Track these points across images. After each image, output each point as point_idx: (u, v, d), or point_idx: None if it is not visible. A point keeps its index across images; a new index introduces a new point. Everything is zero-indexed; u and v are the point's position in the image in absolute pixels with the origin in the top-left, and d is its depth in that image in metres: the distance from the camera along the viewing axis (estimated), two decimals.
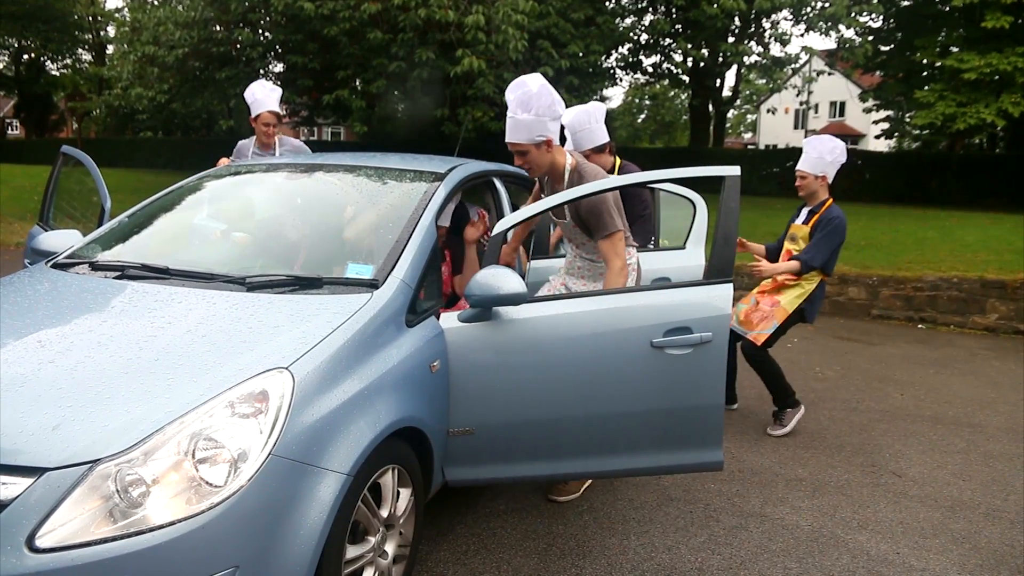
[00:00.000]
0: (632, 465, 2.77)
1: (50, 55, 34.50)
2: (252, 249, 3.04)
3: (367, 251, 2.74)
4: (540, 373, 2.62)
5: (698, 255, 3.72)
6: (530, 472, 2.76)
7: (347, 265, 2.61)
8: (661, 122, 44.25)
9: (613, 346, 2.61)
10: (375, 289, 2.43)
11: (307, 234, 3.07)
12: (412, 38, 11.70)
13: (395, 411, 2.24)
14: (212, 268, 2.62)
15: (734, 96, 25.40)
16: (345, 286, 2.47)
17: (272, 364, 1.99)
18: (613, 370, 2.62)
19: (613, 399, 2.64)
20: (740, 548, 2.97)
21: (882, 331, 7.04)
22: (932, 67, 18.86)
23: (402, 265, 2.53)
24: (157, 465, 1.75)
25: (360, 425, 2.10)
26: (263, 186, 3.49)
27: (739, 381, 4.67)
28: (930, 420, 4.58)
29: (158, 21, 13.68)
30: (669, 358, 2.60)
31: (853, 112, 36.79)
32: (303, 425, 1.94)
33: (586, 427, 2.67)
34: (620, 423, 2.68)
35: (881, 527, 3.19)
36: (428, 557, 2.79)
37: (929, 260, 8.33)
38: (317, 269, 2.73)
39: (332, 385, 2.07)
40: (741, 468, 3.75)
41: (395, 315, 2.40)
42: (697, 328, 2.60)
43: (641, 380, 2.63)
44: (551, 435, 2.68)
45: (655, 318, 2.61)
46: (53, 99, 37.53)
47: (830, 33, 17.06)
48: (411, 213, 2.77)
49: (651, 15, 18.78)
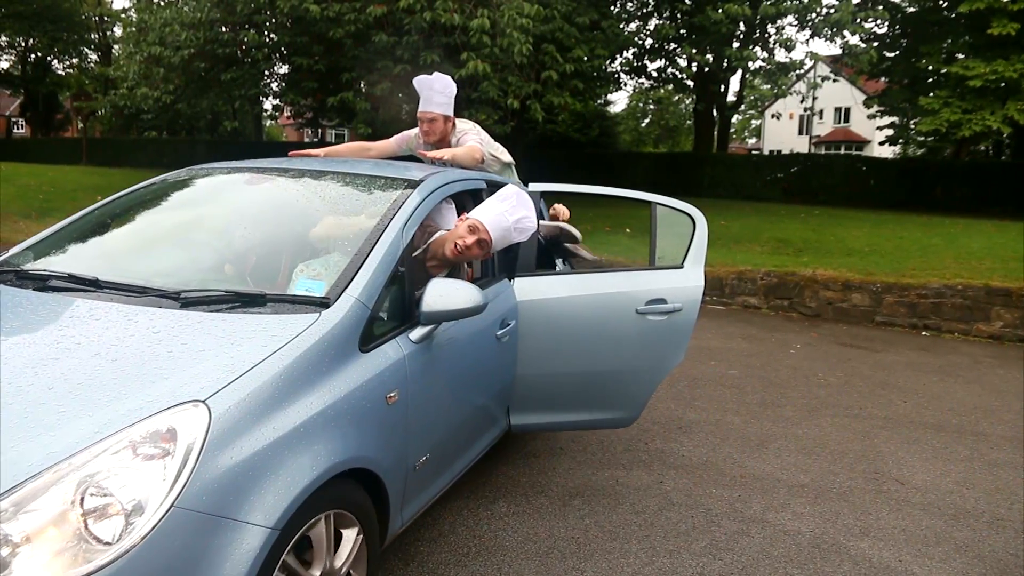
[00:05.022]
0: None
1: (56, 55, 34.69)
2: (198, 260, 2.75)
3: (321, 265, 2.47)
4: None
5: (697, 275, 3.46)
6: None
7: (297, 280, 2.36)
8: (665, 127, 44.26)
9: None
10: (325, 308, 2.14)
11: (259, 245, 2.79)
12: (417, 41, 11.70)
13: (339, 451, 1.96)
14: (151, 279, 2.34)
15: (738, 101, 25.42)
16: (292, 304, 2.17)
17: (186, 397, 1.70)
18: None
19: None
20: (742, 554, 2.96)
21: (885, 338, 7.03)
22: (937, 74, 18.85)
23: (359, 282, 2.25)
24: (32, 519, 1.46)
25: (293, 469, 1.81)
26: (222, 191, 3.21)
27: (743, 388, 4.66)
28: (933, 428, 4.56)
29: (164, 22, 13.71)
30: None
31: (858, 118, 36.78)
32: (219, 470, 1.65)
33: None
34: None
35: (884, 534, 3.18)
36: (429, 559, 2.79)
37: (933, 267, 8.31)
38: (265, 284, 2.46)
39: (260, 422, 1.78)
40: (743, 474, 3.74)
41: (346, 339, 2.12)
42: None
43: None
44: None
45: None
46: (59, 98, 37.68)
47: (835, 39, 17.06)
48: (376, 224, 2.52)
49: (656, 20, 18.79)
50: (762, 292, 8.09)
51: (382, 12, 11.44)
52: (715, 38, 15.80)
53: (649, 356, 3.35)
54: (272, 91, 18.02)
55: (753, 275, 8.16)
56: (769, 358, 6.02)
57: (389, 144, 3.96)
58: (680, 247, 3.57)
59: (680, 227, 3.64)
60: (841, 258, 9.23)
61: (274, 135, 43.85)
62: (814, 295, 7.84)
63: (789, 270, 8.16)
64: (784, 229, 11.80)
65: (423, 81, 3.71)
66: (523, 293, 3.22)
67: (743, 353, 6.13)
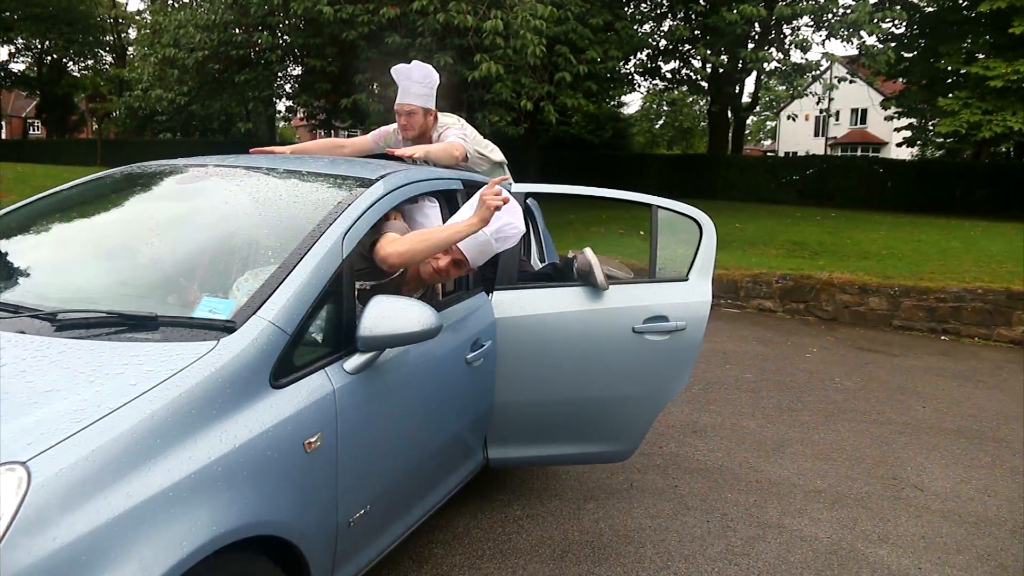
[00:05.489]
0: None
1: (72, 57, 35.08)
2: (97, 273, 2.31)
3: (236, 280, 2.07)
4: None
5: (704, 289, 3.07)
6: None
7: (201, 299, 1.96)
8: (679, 128, 44.07)
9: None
10: (228, 334, 1.75)
11: (168, 255, 2.35)
12: (430, 43, 11.70)
13: (231, 516, 1.57)
14: (23, 298, 1.96)
15: (753, 103, 25.22)
16: (188, 328, 1.80)
17: (4, 456, 1.33)
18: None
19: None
20: (758, 559, 2.91)
21: (904, 342, 6.94)
22: (957, 74, 18.62)
23: (276, 301, 1.85)
24: None
25: (158, 546, 1.41)
26: (146, 192, 2.81)
27: (759, 391, 4.61)
28: (953, 433, 4.48)
29: (179, 24, 13.81)
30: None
31: (875, 119, 36.48)
32: (38, 554, 1.27)
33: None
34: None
35: (903, 541, 3.12)
36: (443, 561, 2.77)
37: (953, 270, 8.20)
38: (164, 303, 2.05)
39: (108, 487, 1.38)
40: (759, 479, 3.69)
41: (250, 373, 1.73)
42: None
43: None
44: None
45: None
46: (74, 100, 38.03)
47: (852, 40, 16.91)
48: (311, 230, 2.10)
49: (670, 21, 18.71)
50: (777, 295, 8.01)
51: (395, 14, 11.45)
52: (730, 39, 15.72)
53: (648, 382, 3.00)
54: (285, 93, 18.11)
55: (768, 278, 8.08)
56: (785, 362, 5.96)
57: (365, 141, 3.64)
58: (684, 256, 3.18)
59: (685, 233, 3.24)
60: (858, 261, 9.14)
61: (287, 136, 44.09)
62: (830, 298, 7.76)
63: (805, 273, 8.08)
64: (800, 232, 11.69)
65: (401, 70, 3.36)
66: (503, 309, 2.81)
67: (758, 357, 6.07)
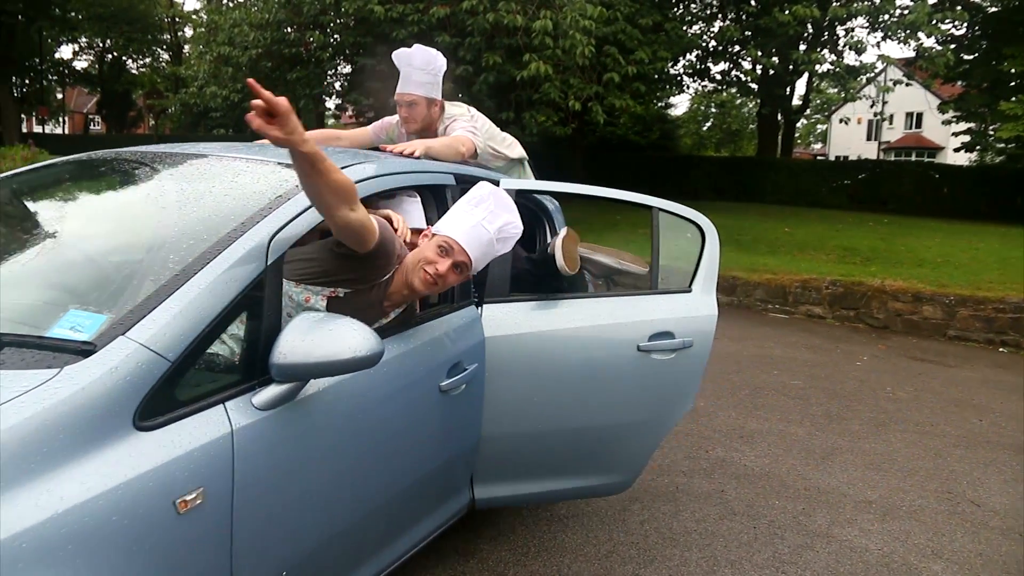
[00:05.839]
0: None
1: (131, 55, 36.24)
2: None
3: (116, 290, 1.68)
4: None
5: (709, 301, 2.80)
6: None
7: (67, 312, 1.55)
8: (727, 130, 43.47)
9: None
10: (83, 358, 1.37)
11: (51, 260, 1.94)
12: (480, 42, 11.76)
13: None
14: None
15: (804, 105, 24.72)
16: (38, 351, 1.40)
17: None
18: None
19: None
20: (806, 568, 2.88)
21: (959, 353, 6.74)
22: (1020, 77, 18.00)
23: (157, 319, 1.46)
24: None
25: None
26: (61, 186, 2.46)
27: (807, 398, 4.53)
28: (1012, 449, 4.35)
29: (233, 23, 14.15)
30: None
31: (931, 123, 35.47)
32: None
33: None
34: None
35: (958, 557, 3.04)
36: (489, 557, 2.80)
37: (1013, 280, 7.93)
38: (26, 315, 1.62)
39: None
40: (807, 487, 3.64)
41: (103, 411, 1.33)
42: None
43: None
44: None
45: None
46: (132, 97, 39.27)
47: (909, 41, 16.47)
48: (230, 230, 1.69)
49: (720, 22, 18.48)
50: (827, 301, 7.86)
51: (445, 13, 11.55)
52: (781, 40, 15.46)
53: (652, 405, 2.72)
54: (335, 91, 18.39)
55: (818, 284, 7.94)
56: (834, 369, 5.84)
57: (365, 132, 3.31)
58: (687, 264, 2.90)
59: (689, 239, 2.95)
60: (911, 268, 8.91)
61: None
62: (882, 306, 7.58)
63: (856, 279, 7.91)
64: (851, 237, 11.44)
65: (401, 55, 3.01)
66: (493, 326, 2.39)
67: (807, 363, 5.97)
